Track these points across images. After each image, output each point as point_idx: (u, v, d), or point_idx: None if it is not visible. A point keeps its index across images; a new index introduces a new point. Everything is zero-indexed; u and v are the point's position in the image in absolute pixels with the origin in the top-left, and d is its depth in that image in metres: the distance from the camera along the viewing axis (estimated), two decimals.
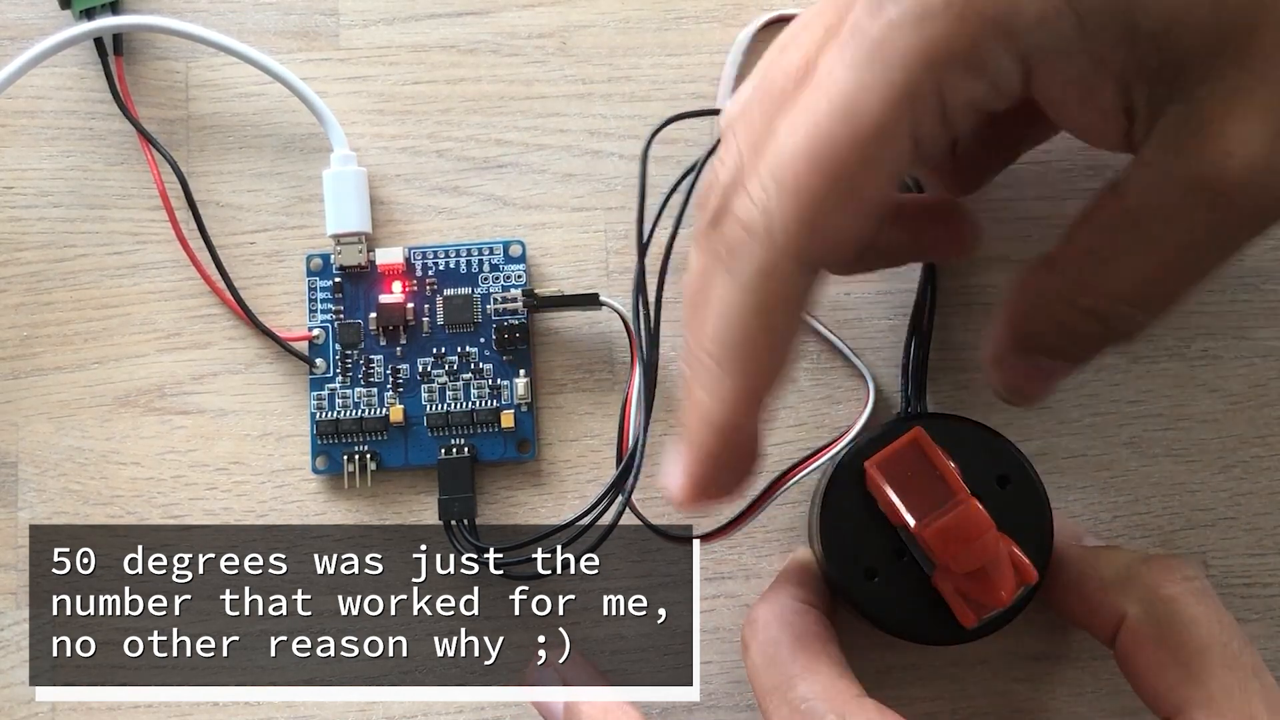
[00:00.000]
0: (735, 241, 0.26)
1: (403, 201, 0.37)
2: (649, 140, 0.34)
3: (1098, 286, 0.27)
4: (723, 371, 0.27)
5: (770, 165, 0.26)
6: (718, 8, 0.37)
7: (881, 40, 0.24)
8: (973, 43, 0.24)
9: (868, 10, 0.25)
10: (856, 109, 0.24)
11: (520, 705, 0.35)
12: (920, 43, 0.24)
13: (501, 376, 0.36)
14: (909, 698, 0.35)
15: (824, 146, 0.25)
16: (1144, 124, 0.26)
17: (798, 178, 0.25)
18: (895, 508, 0.29)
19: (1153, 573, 0.30)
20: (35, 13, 0.37)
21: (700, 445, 0.28)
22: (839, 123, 0.25)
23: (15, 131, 0.37)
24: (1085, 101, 0.26)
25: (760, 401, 0.27)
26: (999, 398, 0.30)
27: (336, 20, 0.37)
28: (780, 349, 0.27)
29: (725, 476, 0.28)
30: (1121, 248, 0.27)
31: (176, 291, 0.36)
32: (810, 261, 0.26)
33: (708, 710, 0.35)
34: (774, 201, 0.25)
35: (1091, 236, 0.27)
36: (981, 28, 0.24)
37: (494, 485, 0.36)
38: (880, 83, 0.24)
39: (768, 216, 0.25)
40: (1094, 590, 0.30)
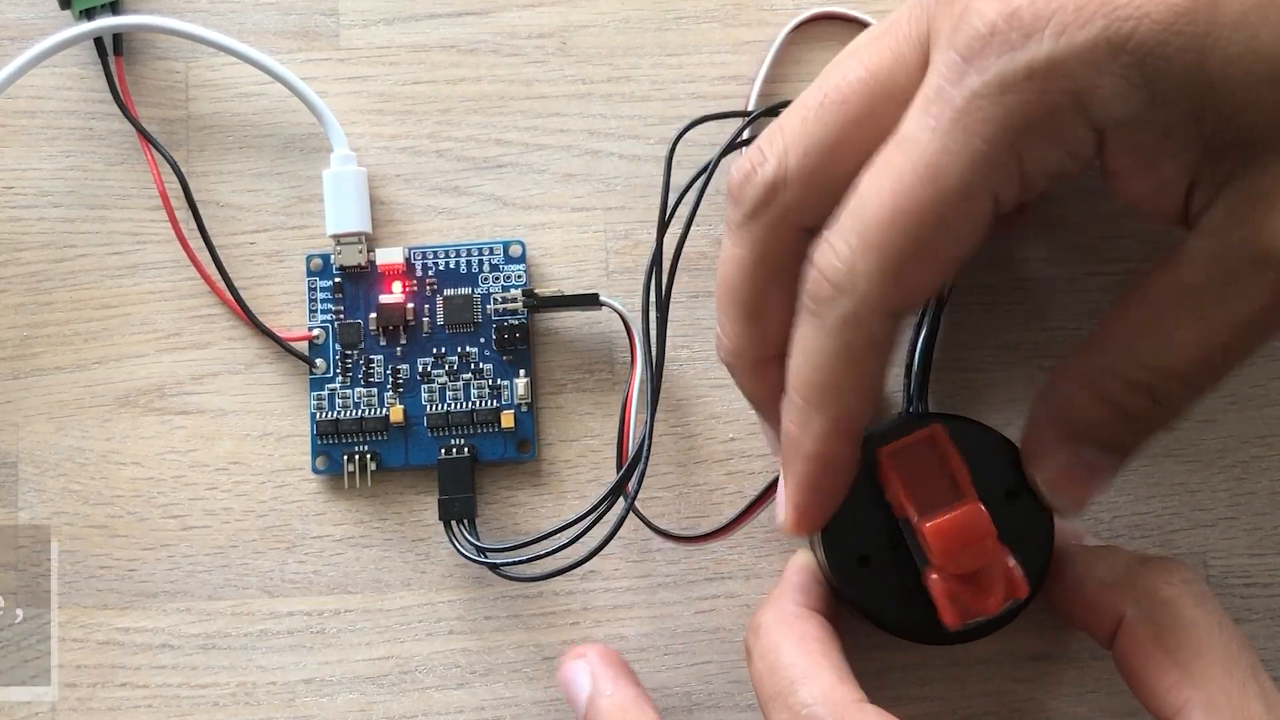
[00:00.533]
0: (820, 293, 0.27)
1: (403, 201, 0.37)
2: (675, 140, 0.34)
3: (1150, 361, 0.27)
4: (812, 410, 0.28)
5: (856, 224, 0.27)
6: (718, 8, 0.37)
7: (965, 108, 0.25)
8: (1051, 114, 0.25)
9: (950, 76, 0.26)
10: (940, 173, 0.26)
11: (520, 705, 0.35)
12: (1002, 112, 0.25)
13: (501, 376, 0.36)
14: (909, 698, 0.35)
15: (908, 208, 0.26)
16: (1204, 197, 0.26)
17: (882, 237, 0.26)
18: (900, 498, 0.29)
19: (1151, 574, 0.30)
20: (35, 13, 0.37)
21: (797, 475, 0.29)
22: (923, 186, 0.26)
23: (15, 131, 0.37)
24: (1146, 171, 0.26)
25: (851, 433, 0.29)
26: (1041, 500, 0.30)
27: (336, 20, 0.37)
28: (867, 388, 0.28)
29: (826, 500, 0.30)
30: (1176, 321, 0.27)
31: (176, 291, 0.36)
32: (893, 312, 0.27)
33: (708, 710, 0.35)
34: (858, 258, 0.26)
35: (1145, 310, 0.28)
36: (1060, 100, 0.25)
37: (494, 485, 0.36)
38: (964, 149, 0.25)
39: (852, 272, 0.27)
40: (1092, 591, 0.30)
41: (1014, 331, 0.36)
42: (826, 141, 0.28)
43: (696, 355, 0.36)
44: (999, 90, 0.25)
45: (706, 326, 0.36)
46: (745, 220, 0.29)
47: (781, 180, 0.29)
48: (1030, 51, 0.25)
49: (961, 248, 0.27)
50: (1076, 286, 0.36)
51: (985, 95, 0.25)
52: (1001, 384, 0.36)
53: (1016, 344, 0.36)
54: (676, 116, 0.36)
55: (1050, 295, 0.36)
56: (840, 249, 0.27)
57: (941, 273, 0.27)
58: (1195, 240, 0.27)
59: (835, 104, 0.28)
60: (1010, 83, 0.25)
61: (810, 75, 0.36)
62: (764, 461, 0.35)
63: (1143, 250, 0.36)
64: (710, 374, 0.36)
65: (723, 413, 0.36)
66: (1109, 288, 0.36)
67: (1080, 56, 0.24)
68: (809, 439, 0.28)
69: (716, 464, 0.36)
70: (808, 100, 0.29)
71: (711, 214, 0.36)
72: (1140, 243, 0.36)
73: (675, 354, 0.36)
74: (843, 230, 0.27)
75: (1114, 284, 0.36)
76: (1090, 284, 0.36)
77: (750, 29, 0.37)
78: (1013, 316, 0.36)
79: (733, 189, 0.30)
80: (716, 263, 0.31)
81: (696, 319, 0.36)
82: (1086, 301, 0.36)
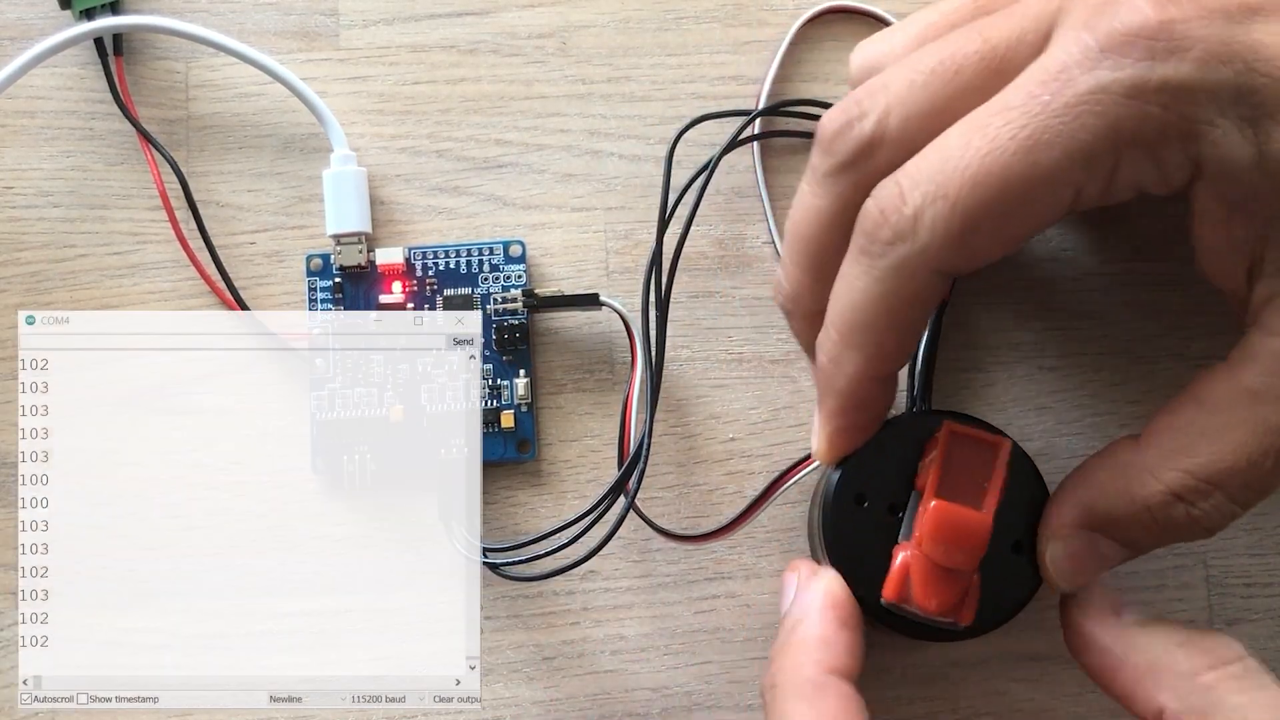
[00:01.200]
0: (879, 234, 0.27)
1: (403, 201, 0.37)
2: (675, 139, 0.34)
3: (1192, 464, 0.27)
4: (846, 347, 0.28)
5: (935, 173, 0.26)
6: (718, 8, 0.37)
7: (1086, 96, 0.25)
8: (1162, 132, 0.25)
9: (1081, 60, 0.25)
10: (1039, 153, 0.25)
11: (520, 705, 0.35)
12: (1120, 113, 0.25)
13: (501, 376, 0.36)
14: (909, 698, 0.35)
15: (995, 173, 0.25)
16: (1270, 286, 0.26)
17: (961, 197, 0.26)
18: (931, 470, 0.29)
19: (1189, 659, 0.27)
20: (35, 13, 0.37)
21: (828, 407, 0.29)
22: (1020, 159, 0.25)
23: (15, 131, 0.37)
24: (1222, 226, 0.26)
25: (881, 377, 0.29)
26: (1041, 573, 0.29)
27: (336, 20, 0.37)
28: (903, 338, 0.28)
29: (855, 434, 0.30)
30: (1228, 425, 0.26)
31: (176, 291, 0.36)
32: (946, 271, 0.27)
33: (708, 710, 0.35)
34: (930, 210, 0.26)
35: (1197, 410, 0.27)
36: (1176, 123, 0.25)
37: (494, 485, 0.36)
38: (1069, 139, 0.25)
39: (919, 221, 0.26)
40: (1129, 680, 0.28)
41: (1014, 331, 0.36)
42: (931, 109, 0.27)
43: (696, 355, 0.36)
44: (1127, 92, 0.25)
45: (706, 326, 0.36)
46: (832, 172, 0.29)
47: (879, 139, 0.28)
48: (1171, 67, 0.25)
49: (1029, 228, 0.27)
50: (1077, 286, 0.36)
51: (1111, 91, 0.25)
52: (1002, 383, 0.36)
53: (1017, 344, 0.36)
54: (676, 116, 0.36)
55: (1050, 295, 0.36)
56: (911, 193, 0.26)
57: (1002, 247, 0.27)
58: (1260, 338, 0.26)
59: (949, 72, 0.27)
60: (1140, 89, 0.25)
61: (820, 70, 0.37)
62: (764, 462, 0.35)
63: (1143, 250, 0.36)
64: (710, 374, 0.36)
65: (723, 413, 0.36)
66: (1109, 288, 0.36)
67: (1210, 91, 0.25)
68: (841, 376, 0.29)
69: (716, 464, 0.36)
70: (919, 65, 0.28)
71: (711, 214, 0.36)
72: (1141, 243, 0.36)
73: (675, 354, 0.36)
74: (916, 175, 0.26)
75: (1114, 284, 0.36)
76: (1091, 284, 0.36)
77: (750, 29, 0.37)
78: (1013, 316, 0.36)
79: (824, 138, 0.29)
80: (790, 208, 0.30)
81: (696, 319, 0.36)
82: (1087, 301, 0.36)
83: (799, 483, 0.34)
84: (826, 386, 0.29)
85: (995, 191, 0.26)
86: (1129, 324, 0.36)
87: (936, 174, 0.26)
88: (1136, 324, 0.36)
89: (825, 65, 0.37)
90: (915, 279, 0.27)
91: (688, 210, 0.34)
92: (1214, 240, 0.27)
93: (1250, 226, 0.26)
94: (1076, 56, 0.25)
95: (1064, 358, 0.36)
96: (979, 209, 0.26)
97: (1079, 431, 0.35)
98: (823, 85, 0.37)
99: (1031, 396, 0.36)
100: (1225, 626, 0.35)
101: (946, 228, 0.26)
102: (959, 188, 0.26)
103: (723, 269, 0.36)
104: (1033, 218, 0.26)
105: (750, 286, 0.36)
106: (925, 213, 0.26)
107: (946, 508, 0.28)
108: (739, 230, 0.36)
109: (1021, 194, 0.26)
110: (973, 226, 0.26)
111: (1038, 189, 0.26)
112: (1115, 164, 0.26)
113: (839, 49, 0.37)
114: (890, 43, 0.31)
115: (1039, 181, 0.25)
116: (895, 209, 0.26)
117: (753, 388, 0.36)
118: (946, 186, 0.26)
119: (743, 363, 0.36)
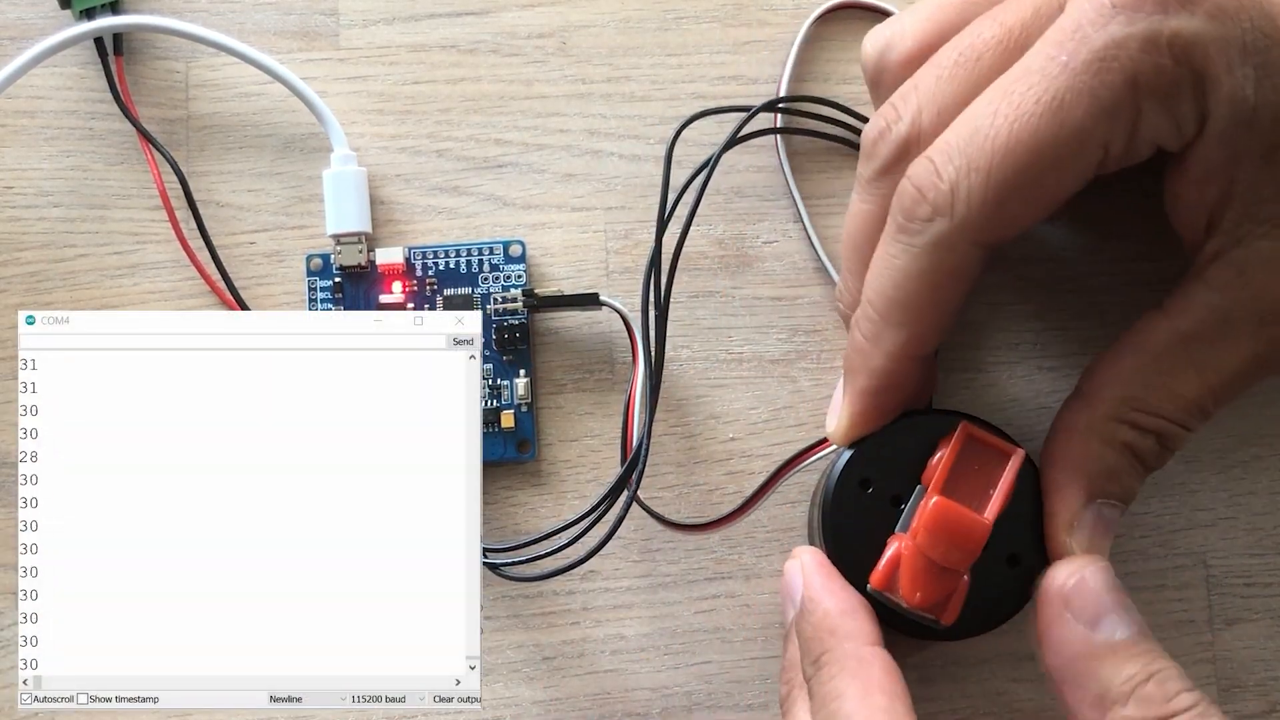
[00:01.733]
0: (916, 211, 0.27)
1: (403, 201, 0.37)
2: (674, 137, 0.34)
3: (1155, 407, 0.28)
4: (885, 324, 0.28)
5: (966, 146, 0.26)
6: (718, 8, 0.37)
7: (1103, 53, 0.25)
8: (1175, 85, 0.26)
9: (1095, 18, 0.26)
10: (1065, 113, 0.26)
11: (520, 705, 0.35)
12: (1136, 66, 0.25)
13: (501, 376, 0.36)
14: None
15: (1025, 139, 0.26)
16: (1218, 243, 0.27)
17: (992, 162, 0.26)
18: (939, 467, 0.29)
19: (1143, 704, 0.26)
20: (35, 13, 0.37)
21: (858, 386, 0.29)
22: (1046, 121, 0.26)
23: (15, 131, 0.37)
24: (1201, 183, 0.27)
25: (918, 355, 0.29)
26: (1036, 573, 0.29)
27: (336, 20, 0.37)
28: (944, 314, 0.29)
29: (879, 416, 0.30)
30: (1175, 369, 0.28)
31: (176, 291, 0.36)
32: (985, 243, 0.27)
33: (708, 710, 0.35)
34: (963, 180, 0.26)
35: (1143, 359, 0.28)
36: (1188, 74, 0.25)
37: (494, 485, 0.36)
38: (1091, 95, 0.26)
39: (955, 195, 0.27)
40: (1085, 702, 0.27)
41: (1015, 331, 0.36)
42: (962, 98, 0.28)
43: (696, 355, 0.36)
44: (1142, 46, 0.25)
45: (706, 326, 0.36)
46: (877, 176, 0.29)
47: (915, 137, 0.29)
48: (1181, 21, 0.25)
49: (1063, 190, 0.27)
50: (1077, 286, 0.36)
51: (1127, 46, 0.25)
52: (1002, 383, 0.36)
53: (1017, 344, 0.36)
54: (676, 116, 0.36)
55: (1050, 295, 0.36)
56: (945, 169, 0.27)
57: (1038, 212, 0.27)
58: (1200, 292, 0.28)
59: (970, 61, 0.28)
60: (1154, 42, 0.25)
61: (829, 68, 0.37)
62: (764, 462, 0.35)
63: (1143, 251, 0.36)
64: (710, 374, 0.36)
65: (723, 413, 0.36)
66: (1109, 288, 0.36)
67: (1219, 45, 0.25)
68: (879, 354, 0.29)
69: (716, 464, 0.36)
70: (942, 59, 0.29)
71: (711, 214, 0.36)
72: (1140, 243, 0.36)
73: (675, 354, 0.36)
74: (948, 150, 0.27)
75: (1114, 284, 0.36)
76: (1091, 284, 0.36)
77: (750, 29, 0.37)
78: (1013, 316, 0.36)
79: (866, 146, 0.30)
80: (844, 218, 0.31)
81: (696, 319, 0.36)
82: (1087, 302, 0.36)
83: (799, 483, 0.34)
84: (861, 365, 0.29)
85: (1027, 157, 0.26)
86: (1129, 324, 0.36)
87: (967, 146, 0.26)
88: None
89: (831, 64, 0.37)
90: (955, 252, 0.27)
91: (687, 209, 0.34)
92: (1188, 196, 0.28)
93: (1220, 184, 0.27)
94: (1090, 15, 0.26)
95: (1064, 358, 0.36)
96: (1014, 176, 0.26)
97: None
98: (826, 84, 0.37)
99: (1031, 396, 0.36)
100: (1225, 626, 0.35)
101: (983, 198, 0.26)
102: (990, 157, 0.26)
103: (723, 269, 0.36)
104: (1066, 179, 0.27)
105: (750, 286, 0.36)
106: (960, 186, 0.26)
107: (948, 505, 0.28)
108: (739, 230, 0.36)
109: (1053, 156, 0.26)
110: (1008, 195, 0.26)
111: (1067, 149, 0.26)
112: (1136, 116, 0.26)
113: (844, 47, 0.37)
114: (901, 25, 0.31)
115: (1068, 141, 0.26)
116: (932, 185, 0.27)
117: (753, 388, 0.36)
118: (979, 158, 0.26)
119: (743, 363, 0.36)
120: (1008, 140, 0.26)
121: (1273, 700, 0.35)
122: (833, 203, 0.36)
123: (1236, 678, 0.35)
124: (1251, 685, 0.35)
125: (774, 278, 0.36)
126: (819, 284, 0.36)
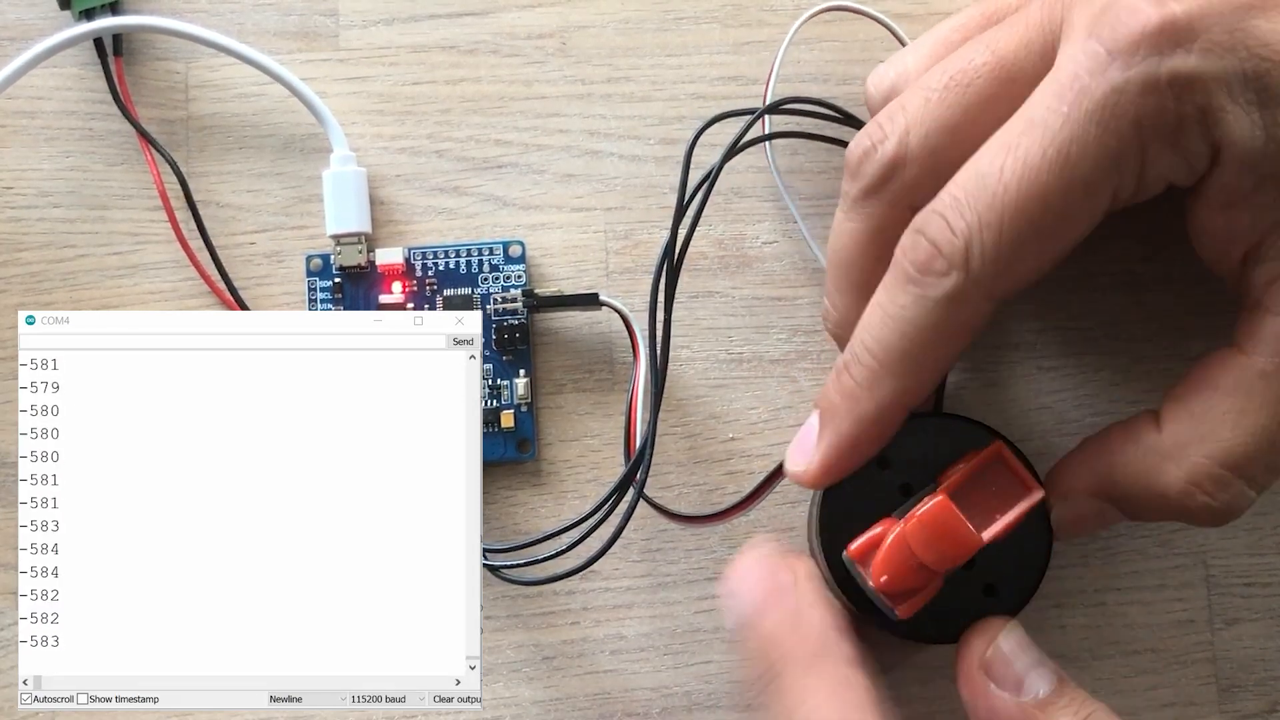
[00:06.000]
0: (932, 265, 0.27)
1: (403, 201, 0.37)
2: (695, 138, 0.33)
3: (1213, 449, 0.27)
4: (885, 373, 0.28)
5: (975, 201, 0.27)
6: (718, 8, 0.37)
7: (1104, 101, 0.26)
8: (1181, 122, 0.26)
9: (1092, 66, 0.26)
10: (1071, 161, 0.26)
11: (520, 705, 0.35)
12: (1138, 111, 0.25)
13: (501, 376, 0.36)
14: (909, 698, 0.35)
15: (1034, 193, 0.26)
16: (1271, 270, 0.27)
17: (1003, 217, 0.26)
18: (956, 472, 0.29)
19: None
20: (35, 13, 0.37)
21: (841, 432, 0.29)
22: (1052, 171, 0.26)
23: (15, 131, 0.37)
24: (1226, 210, 0.27)
25: (911, 406, 0.29)
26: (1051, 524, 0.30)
27: (336, 20, 0.37)
28: (943, 366, 0.29)
29: (854, 463, 0.30)
30: (1245, 409, 0.27)
31: (176, 291, 0.36)
32: (998, 295, 0.27)
33: (708, 710, 0.35)
34: (976, 235, 0.26)
35: (1211, 395, 0.28)
36: (1192, 111, 0.25)
37: (494, 485, 0.36)
38: (1097, 142, 0.26)
39: (969, 249, 0.27)
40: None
41: (1014, 332, 0.36)
42: (949, 123, 0.28)
43: (697, 355, 0.36)
44: (1140, 90, 0.25)
45: (706, 326, 0.36)
46: (862, 196, 0.30)
47: (901, 159, 0.29)
48: (1178, 61, 0.25)
49: (1074, 238, 0.27)
50: (1077, 286, 0.36)
51: (1126, 92, 0.25)
52: (1002, 383, 0.36)
53: (1016, 344, 0.36)
54: (676, 117, 0.36)
55: (1050, 295, 0.36)
56: (957, 223, 0.27)
57: (1050, 262, 0.27)
58: (1267, 320, 0.27)
59: (960, 86, 0.28)
60: (1153, 85, 0.25)
61: (821, 70, 0.37)
62: (764, 462, 0.35)
63: (1143, 251, 0.36)
64: (710, 374, 0.36)
65: (723, 413, 0.36)
66: (1109, 288, 0.36)
67: (1219, 79, 0.25)
68: (872, 401, 0.28)
69: (717, 464, 0.36)
70: (931, 82, 0.29)
71: (711, 214, 0.36)
72: (1140, 243, 0.36)
73: (675, 354, 0.36)
74: (959, 205, 0.27)
75: (1114, 284, 0.36)
76: (1091, 284, 0.36)
77: (750, 29, 0.37)
78: (1013, 316, 0.36)
79: (851, 164, 0.30)
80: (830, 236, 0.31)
81: (696, 319, 0.36)
82: (1088, 301, 0.36)
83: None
84: (847, 410, 0.29)
85: (1038, 211, 0.26)
86: (1129, 324, 0.36)
87: (976, 201, 0.26)
88: (1136, 324, 0.36)
89: (825, 65, 0.37)
90: (970, 306, 0.27)
91: (692, 210, 0.34)
92: (1214, 225, 0.27)
93: (1252, 212, 0.27)
94: (1086, 64, 0.26)
95: (1064, 358, 0.36)
96: (1025, 231, 0.26)
97: (1079, 431, 0.35)
98: (822, 85, 0.37)
99: (1031, 396, 0.36)
100: (1225, 626, 0.35)
101: (998, 254, 0.26)
102: (1001, 213, 0.26)
103: (723, 269, 0.36)
104: (1077, 227, 0.27)
105: (750, 286, 0.36)
106: (974, 241, 0.27)
107: (950, 507, 0.28)
108: (739, 230, 0.36)
109: (1062, 208, 0.26)
110: (1021, 248, 0.26)
111: (1076, 199, 0.26)
112: (1143, 160, 0.26)
113: (838, 49, 0.37)
114: (905, 63, 0.32)
115: (1077, 192, 0.26)
116: (946, 240, 0.27)
117: (753, 388, 0.36)
118: (990, 214, 0.26)
119: (743, 363, 0.36)
120: (1018, 196, 0.26)
121: (1273, 700, 0.35)
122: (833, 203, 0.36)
123: (1236, 678, 0.35)
124: (1251, 685, 0.35)
125: (774, 278, 0.36)
126: (819, 284, 0.36)
